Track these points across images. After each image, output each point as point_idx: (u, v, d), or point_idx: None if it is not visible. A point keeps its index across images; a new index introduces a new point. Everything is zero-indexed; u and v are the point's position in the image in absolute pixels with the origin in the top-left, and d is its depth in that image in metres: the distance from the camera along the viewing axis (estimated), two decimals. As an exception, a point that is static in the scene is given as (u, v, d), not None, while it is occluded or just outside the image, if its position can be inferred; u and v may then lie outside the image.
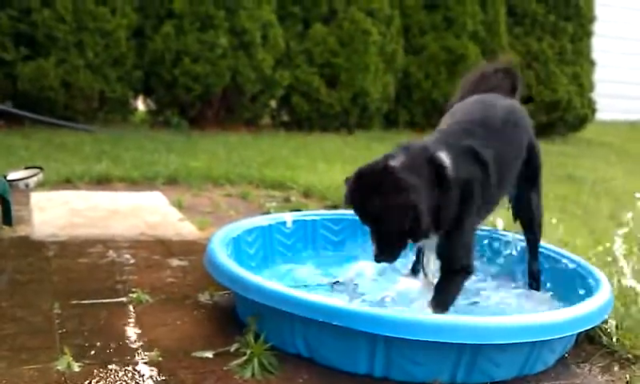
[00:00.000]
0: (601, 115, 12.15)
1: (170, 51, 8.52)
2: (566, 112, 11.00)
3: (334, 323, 2.22)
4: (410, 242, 2.42)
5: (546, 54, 10.92)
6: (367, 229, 2.40)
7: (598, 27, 11.82)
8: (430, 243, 2.53)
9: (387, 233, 2.33)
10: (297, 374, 2.28)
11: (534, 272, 3.02)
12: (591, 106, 11.55)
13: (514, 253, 3.23)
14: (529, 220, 2.96)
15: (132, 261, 3.42)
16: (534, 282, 3.02)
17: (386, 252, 2.37)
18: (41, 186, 4.82)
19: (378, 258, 2.39)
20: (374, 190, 2.29)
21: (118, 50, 8.27)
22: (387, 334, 2.19)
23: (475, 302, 2.87)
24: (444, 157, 2.37)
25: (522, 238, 3.11)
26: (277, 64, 9.17)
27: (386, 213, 2.27)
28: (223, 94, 8.91)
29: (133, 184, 5.35)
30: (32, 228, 3.89)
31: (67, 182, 5.16)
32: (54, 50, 7.89)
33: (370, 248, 2.43)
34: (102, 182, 5.32)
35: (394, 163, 2.31)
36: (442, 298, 2.45)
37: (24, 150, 6.16)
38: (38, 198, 4.55)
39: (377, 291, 2.85)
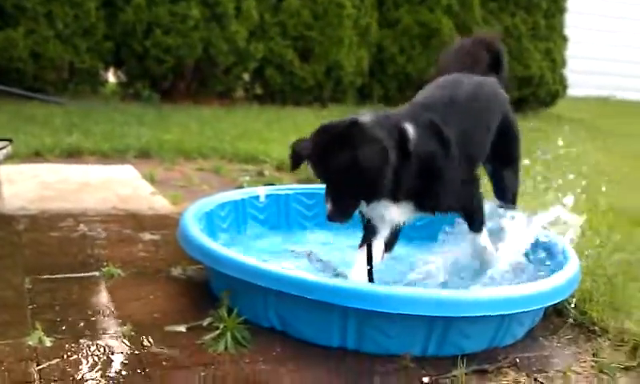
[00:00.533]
0: (573, 91, 12.26)
1: (141, 22, 8.39)
2: (538, 87, 11.08)
3: (306, 296, 2.24)
4: (363, 202, 2.42)
5: (520, 30, 10.97)
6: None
7: (570, 3, 11.89)
8: (379, 212, 2.54)
9: (346, 190, 2.31)
10: (270, 347, 2.29)
11: None
12: (563, 82, 11.65)
13: None
14: (502, 192, 2.99)
15: (103, 235, 3.40)
16: None
17: (341, 211, 2.35)
18: (10, 158, 4.74)
19: (333, 217, 2.35)
20: (343, 143, 2.26)
21: (87, 20, 8.12)
22: (358, 307, 2.21)
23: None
24: (409, 128, 2.39)
25: None
26: (250, 36, 9.08)
27: (357, 165, 2.23)
28: (196, 67, 8.81)
29: (104, 157, 5.30)
30: (1, 201, 3.83)
31: (37, 155, 5.10)
32: (22, 21, 7.73)
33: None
34: (73, 154, 5.26)
35: (363, 120, 2.31)
36: (476, 226, 2.69)
37: (-8, 123, 6.06)
38: (7, 171, 4.47)
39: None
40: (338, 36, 9.50)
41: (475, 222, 2.71)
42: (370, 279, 2.56)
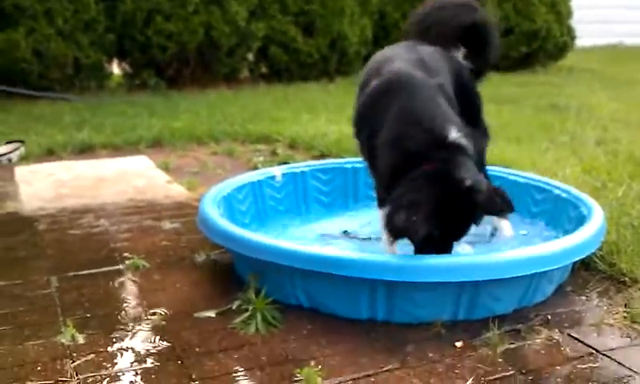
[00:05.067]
0: (580, 42, 12.08)
1: (141, 11, 8.34)
2: (545, 41, 10.91)
3: (335, 273, 2.23)
4: None
5: (523, -17, 10.79)
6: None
7: (572, -48, 11.67)
8: None
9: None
10: (300, 325, 2.29)
11: None
12: (570, 34, 11.47)
13: None
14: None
15: (124, 227, 3.40)
16: None
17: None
18: (24, 159, 4.77)
19: None
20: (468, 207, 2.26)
21: (87, 14, 8.07)
22: (387, 279, 2.20)
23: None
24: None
25: None
26: (251, 16, 9.00)
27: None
28: (199, 51, 8.76)
29: (116, 150, 5.30)
30: (20, 203, 3.85)
31: (50, 154, 5.10)
32: (22, 20, 7.70)
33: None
34: (85, 150, 5.26)
35: (468, 182, 2.23)
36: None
37: (2, 125, 6.05)
38: (22, 172, 4.50)
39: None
40: (340, 7, 9.40)
41: None
42: None
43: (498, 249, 2.70)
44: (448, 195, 2.21)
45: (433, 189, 2.21)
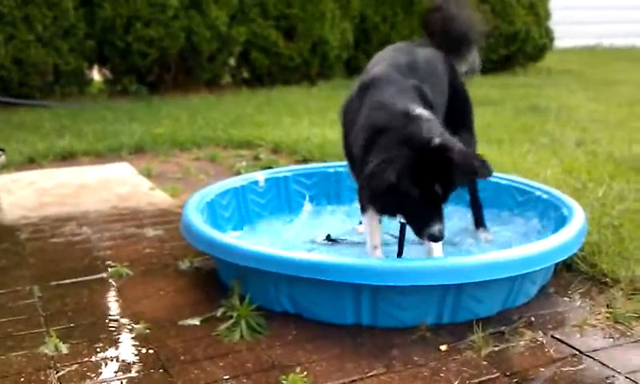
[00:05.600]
0: (559, 43, 12.18)
1: (120, 17, 8.29)
2: (524, 43, 10.99)
3: (320, 278, 2.23)
4: None
5: (502, -14, 10.85)
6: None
7: (550, -46, 11.76)
8: None
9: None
10: (285, 331, 2.29)
11: (475, 208, 3.10)
12: (549, 35, 11.56)
13: None
14: None
15: (107, 235, 3.38)
16: (477, 217, 3.09)
17: None
18: (4, 167, 4.72)
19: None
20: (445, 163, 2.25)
21: (67, 20, 8.01)
22: (371, 283, 2.21)
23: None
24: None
25: None
26: (231, 20, 8.99)
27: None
28: (180, 56, 8.72)
29: (98, 157, 5.26)
30: (1, 212, 3.81)
31: (31, 162, 5.05)
32: (0, 27, 7.63)
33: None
34: (67, 157, 5.22)
35: (436, 140, 2.25)
36: None
37: (-18, 133, 5.99)
38: (3, 181, 4.46)
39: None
40: (320, 11, 9.40)
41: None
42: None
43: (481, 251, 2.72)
44: (418, 153, 2.24)
45: (404, 148, 2.25)
